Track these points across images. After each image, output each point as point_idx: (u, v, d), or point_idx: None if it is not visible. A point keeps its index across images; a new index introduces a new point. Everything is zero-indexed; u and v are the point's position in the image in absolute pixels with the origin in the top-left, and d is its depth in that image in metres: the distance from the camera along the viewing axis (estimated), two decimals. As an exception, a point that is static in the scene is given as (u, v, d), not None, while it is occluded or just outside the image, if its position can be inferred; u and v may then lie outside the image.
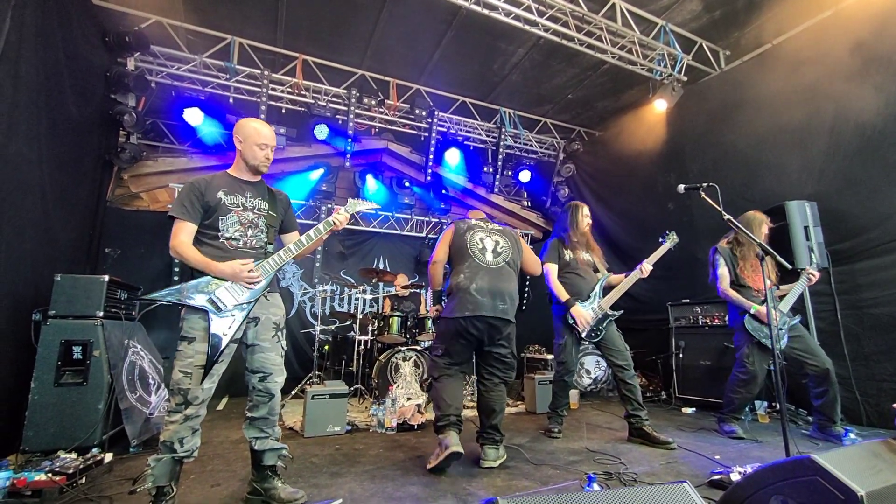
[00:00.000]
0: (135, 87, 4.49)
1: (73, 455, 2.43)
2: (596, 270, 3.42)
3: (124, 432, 2.79)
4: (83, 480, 2.25)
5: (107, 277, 2.91)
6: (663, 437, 2.94)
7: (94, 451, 2.55)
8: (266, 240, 2.06)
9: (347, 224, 6.32)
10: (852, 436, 2.92)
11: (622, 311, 3.31)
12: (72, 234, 3.73)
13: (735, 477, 2.11)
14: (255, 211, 2.05)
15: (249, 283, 1.92)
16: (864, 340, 3.60)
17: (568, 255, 3.34)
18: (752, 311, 3.13)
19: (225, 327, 1.85)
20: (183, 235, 1.90)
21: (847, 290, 3.75)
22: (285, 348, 2.14)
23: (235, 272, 1.89)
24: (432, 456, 2.49)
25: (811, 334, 3.63)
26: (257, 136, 2.05)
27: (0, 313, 2.62)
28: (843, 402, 3.45)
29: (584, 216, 3.42)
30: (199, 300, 1.83)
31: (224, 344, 1.84)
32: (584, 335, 3.17)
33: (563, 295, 3.22)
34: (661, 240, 3.36)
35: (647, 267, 3.21)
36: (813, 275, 3.23)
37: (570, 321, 3.18)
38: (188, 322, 1.84)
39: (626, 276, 3.26)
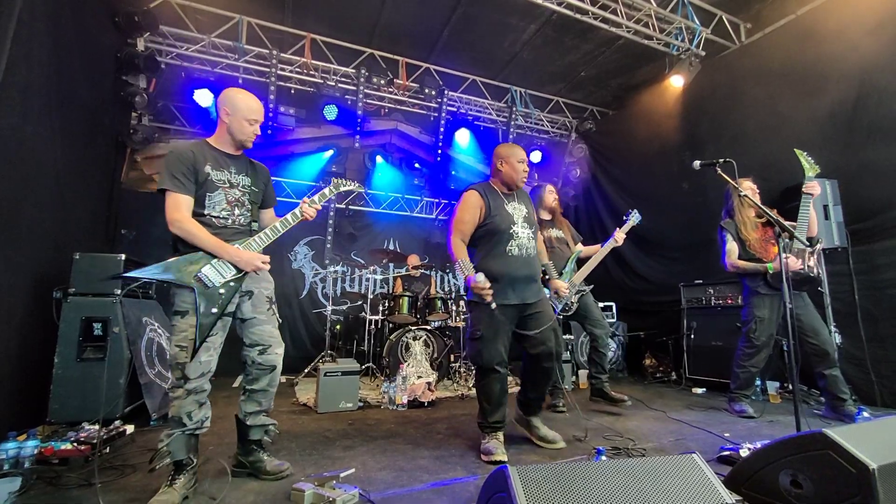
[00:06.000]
0: (145, 67, 4.49)
1: (97, 426, 2.52)
2: (569, 245, 3.53)
3: (144, 406, 2.89)
4: (107, 450, 2.34)
5: (123, 256, 2.97)
6: (619, 395, 3.25)
7: (117, 423, 2.64)
8: (251, 217, 2.04)
9: (356, 206, 6.39)
10: (865, 414, 2.89)
11: (592, 286, 3.48)
12: (88, 214, 3.79)
13: (744, 453, 2.11)
14: (240, 188, 2.00)
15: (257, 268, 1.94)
16: (881, 322, 3.53)
17: (541, 234, 3.35)
18: (770, 271, 3.08)
19: (214, 302, 1.82)
20: (184, 210, 1.84)
21: (865, 271, 3.67)
22: (280, 321, 2.12)
23: (251, 261, 1.90)
24: None
25: (828, 315, 3.58)
26: (248, 111, 1.97)
27: (23, 291, 2.69)
28: (857, 383, 3.43)
29: (549, 192, 3.58)
30: (185, 278, 1.80)
31: (214, 318, 1.82)
32: (558, 310, 3.20)
33: None
34: (624, 218, 3.63)
35: (620, 235, 3.45)
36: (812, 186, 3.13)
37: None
38: (179, 296, 1.83)
39: (601, 247, 3.50)
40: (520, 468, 1.22)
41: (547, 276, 2.81)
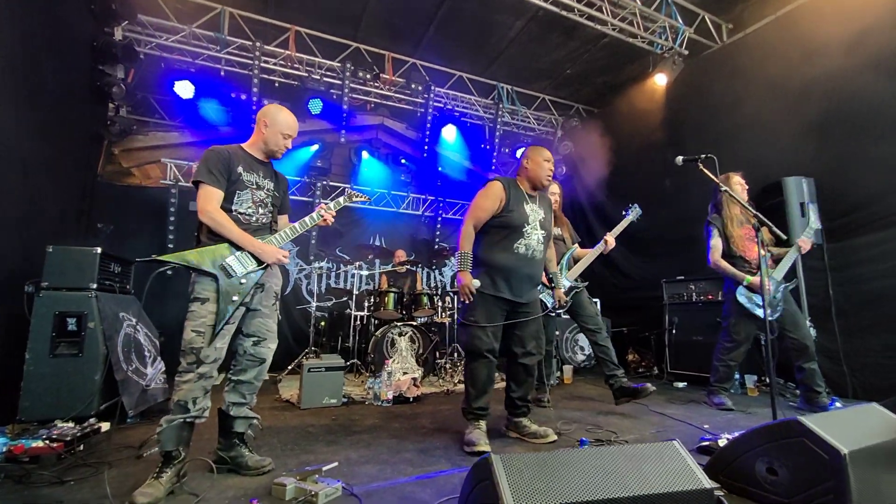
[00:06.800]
0: (123, 57, 4.37)
1: (71, 424, 2.45)
2: (565, 244, 3.55)
3: (121, 403, 2.81)
4: (81, 448, 2.27)
5: (99, 249, 2.88)
6: (639, 385, 3.02)
7: (92, 420, 2.57)
8: (272, 217, 2.17)
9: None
10: (838, 405, 2.98)
11: (587, 283, 3.42)
12: (59, 206, 3.67)
13: (723, 443, 2.15)
14: (265, 191, 2.13)
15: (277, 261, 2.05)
16: (854, 316, 3.64)
17: None
18: (745, 284, 3.15)
19: (234, 292, 1.91)
20: (216, 202, 1.95)
21: (839, 266, 3.78)
22: (280, 317, 2.21)
23: (274, 254, 2.00)
24: None
25: (803, 310, 3.68)
26: (286, 127, 2.14)
27: (-8, 285, 2.60)
28: (830, 375, 3.53)
29: (552, 193, 3.54)
30: (210, 266, 1.89)
31: (234, 307, 1.90)
32: (550, 307, 3.17)
33: None
34: (624, 213, 3.57)
35: (610, 239, 3.37)
36: (804, 243, 3.23)
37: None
38: (200, 284, 1.89)
39: (591, 250, 3.46)
40: (503, 456, 1.22)
41: (553, 285, 2.82)
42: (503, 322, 2.47)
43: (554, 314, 3.32)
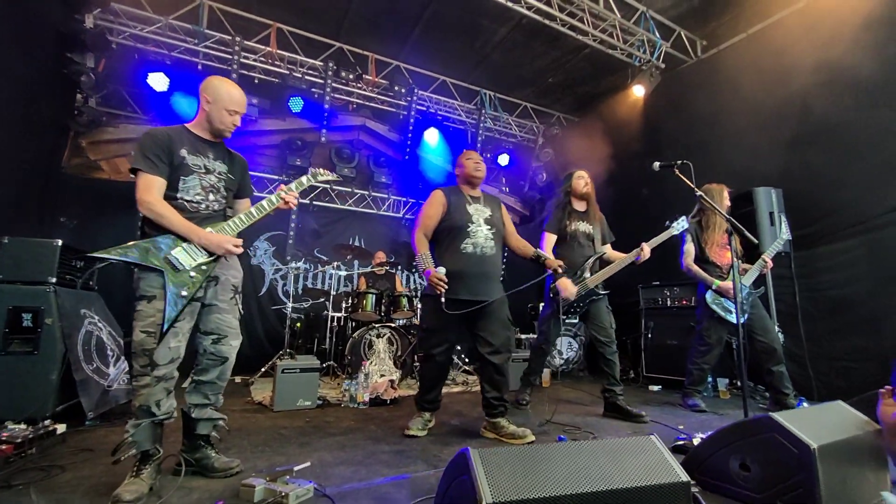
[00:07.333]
0: (93, 45, 4.21)
1: (23, 426, 2.29)
2: (593, 244, 3.26)
3: (80, 405, 2.65)
4: (33, 450, 2.12)
5: (59, 242, 2.73)
6: (636, 410, 2.99)
7: (46, 422, 2.41)
8: (225, 204, 1.99)
9: (321, 202, 6.22)
10: (805, 405, 3.07)
11: (609, 292, 3.22)
12: (17, 197, 3.48)
13: (697, 442, 2.18)
14: (216, 174, 1.95)
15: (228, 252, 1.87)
16: (819, 321, 3.78)
17: (567, 225, 3.21)
18: (713, 287, 3.24)
19: (183, 286, 1.74)
20: (156, 191, 1.77)
21: (806, 274, 3.92)
22: (242, 313, 2.04)
23: (221, 243, 1.82)
24: None
25: (772, 315, 3.79)
26: (229, 101, 1.92)
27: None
28: (797, 379, 3.64)
29: (578, 178, 3.31)
30: (154, 260, 1.72)
31: (184, 303, 1.74)
32: (562, 310, 3.09)
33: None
34: (667, 223, 3.22)
35: (646, 248, 3.07)
36: (767, 262, 3.33)
37: (553, 293, 3.11)
38: (145, 281, 1.73)
39: (623, 255, 3.13)
40: (481, 451, 1.19)
41: (542, 259, 2.70)
42: (459, 325, 2.53)
43: (563, 316, 3.14)
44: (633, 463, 1.21)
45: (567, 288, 3.04)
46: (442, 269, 2.41)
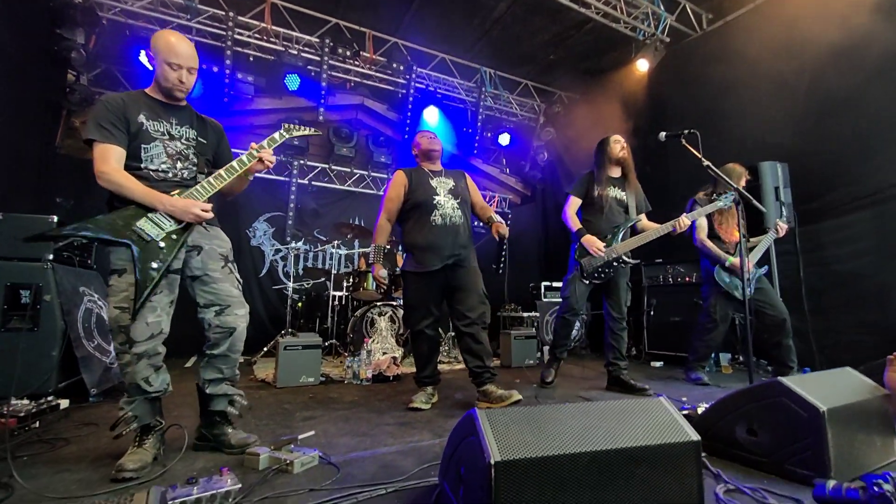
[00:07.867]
0: (83, 20, 4.09)
1: (26, 401, 2.29)
2: (626, 211, 3.10)
3: (83, 382, 2.65)
4: (36, 424, 2.12)
5: (55, 218, 2.69)
6: (640, 384, 2.96)
7: (49, 398, 2.41)
8: (196, 171, 1.86)
9: (320, 182, 6.14)
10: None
11: (638, 261, 3.07)
12: (6, 176, 3.42)
13: (701, 411, 2.17)
14: (183, 140, 1.84)
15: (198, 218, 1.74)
16: (825, 296, 3.76)
17: (596, 190, 3.05)
18: (726, 264, 3.21)
19: (153, 258, 1.63)
20: (114, 161, 1.66)
21: (811, 249, 3.89)
22: (241, 281, 1.95)
23: (187, 208, 1.70)
24: None
25: (775, 289, 3.77)
26: (171, 54, 1.75)
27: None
28: (800, 353, 3.64)
29: (615, 142, 3.10)
30: (119, 234, 1.61)
31: (156, 275, 1.63)
32: (586, 273, 2.96)
33: (575, 224, 3.03)
34: (714, 195, 3.10)
35: (685, 220, 2.91)
36: (781, 227, 3.32)
37: (577, 256, 3.01)
38: (115, 254, 1.66)
39: (658, 226, 2.96)
40: (488, 411, 1.17)
41: (490, 223, 2.67)
42: (439, 298, 2.65)
43: (587, 281, 2.99)
44: (641, 423, 1.19)
45: (593, 244, 2.91)
46: (384, 272, 2.67)
